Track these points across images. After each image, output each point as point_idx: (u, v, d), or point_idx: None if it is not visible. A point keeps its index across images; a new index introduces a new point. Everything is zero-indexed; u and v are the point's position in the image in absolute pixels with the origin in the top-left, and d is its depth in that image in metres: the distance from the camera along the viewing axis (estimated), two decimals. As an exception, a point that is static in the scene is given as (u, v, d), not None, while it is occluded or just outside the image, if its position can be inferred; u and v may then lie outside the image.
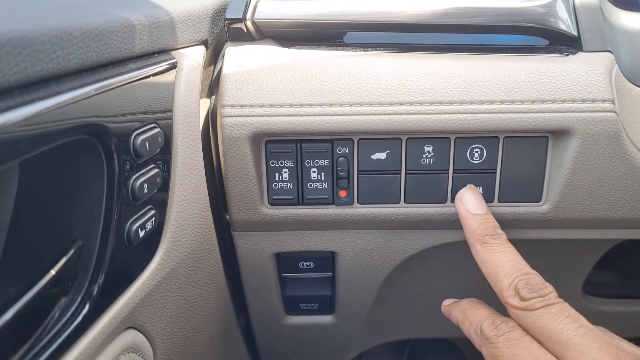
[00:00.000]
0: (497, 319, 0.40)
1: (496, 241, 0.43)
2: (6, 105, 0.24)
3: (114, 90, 0.32)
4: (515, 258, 0.41)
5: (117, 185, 0.33)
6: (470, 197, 0.46)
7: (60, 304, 0.30)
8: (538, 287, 0.38)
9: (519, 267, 0.40)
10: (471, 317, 0.42)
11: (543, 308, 0.37)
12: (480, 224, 0.44)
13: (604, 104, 0.45)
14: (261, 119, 0.45)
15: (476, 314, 0.42)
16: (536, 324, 0.36)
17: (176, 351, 0.46)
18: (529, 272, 0.40)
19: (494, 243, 0.43)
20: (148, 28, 0.37)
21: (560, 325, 0.35)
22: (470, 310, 0.43)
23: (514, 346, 0.36)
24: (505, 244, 0.43)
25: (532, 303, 0.37)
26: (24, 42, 0.25)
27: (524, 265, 0.41)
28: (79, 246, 0.31)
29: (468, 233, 0.45)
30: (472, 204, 0.46)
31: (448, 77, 0.45)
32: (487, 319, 0.40)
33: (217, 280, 0.51)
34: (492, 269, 0.41)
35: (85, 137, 0.30)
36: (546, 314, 0.36)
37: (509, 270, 0.40)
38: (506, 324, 0.38)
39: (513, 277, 0.39)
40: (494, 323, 0.39)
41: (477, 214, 0.45)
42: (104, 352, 0.34)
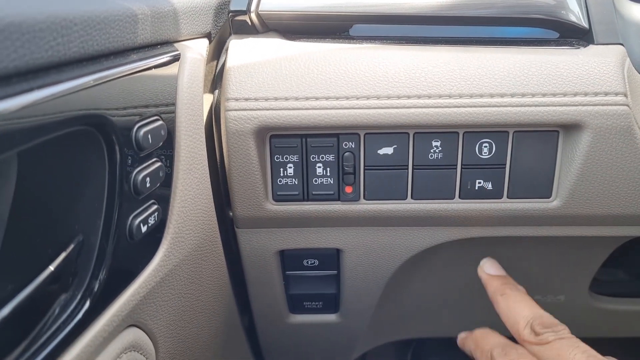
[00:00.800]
0: (508, 346, 0.42)
1: (515, 292, 0.47)
2: (4, 93, 0.23)
3: (115, 80, 0.31)
4: (534, 304, 0.45)
5: (119, 179, 0.32)
6: (490, 264, 0.52)
7: (61, 300, 0.29)
8: (552, 324, 0.41)
9: (535, 310, 0.44)
10: (483, 346, 0.45)
11: (555, 341, 0.40)
12: (500, 281, 0.49)
13: (616, 97, 0.44)
14: (266, 113, 0.44)
15: (488, 342, 0.44)
16: (548, 355, 0.39)
17: (179, 350, 0.45)
18: (544, 314, 0.43)
19: (514, 294, 0.46)
20: (151, 18, 0.36)
21: (570, 355, 0.38)
22: (482, 339, 0.46)
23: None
24: (524, 295, 0.47)
25: (546, 337, 0.40)
26: (22, 28, 0.24)
27: (540, 309, 0.44)
28: (80, 241, 0.31)
29: (490, 290, 0.49)
30: (492, 269, 0.51)
31: (457, 70, 0.44)
32: (498, 347, 0.43)
33: (220, 277, 0.51)
34: (512, 315, 0.44)
35: (86, 128, 0.29)
36: (558, 345, 0.39)
37: (527, 313, 0.43)
38: (516, 350, 0.41)
39: (530, 317, 0.43)
40: (504, 349, 0.42)
41: (498, 274, 0.50)
42: (105, 350, 0.33)
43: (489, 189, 0.47)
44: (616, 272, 0.69)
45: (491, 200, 0.47)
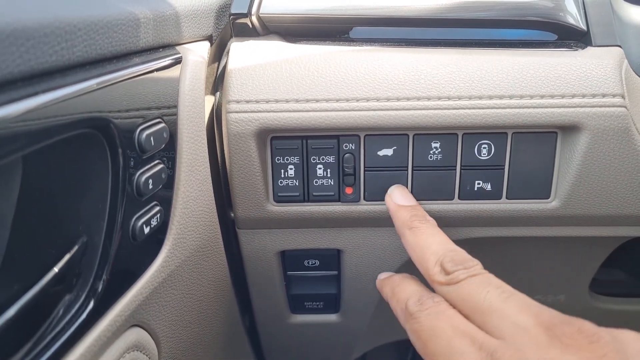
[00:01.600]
0: (424, 294, 0.38)
1: (424, 225, 0.42)
2: (9, 97, 0.23)
3: (118, 84, 0.31)
4: (444, 239, 0.41)
5: (122, 181, 0.32)
6: (399, 192, 0.47)
7: (65, 300, 0.30)
8: (463, 260, 0.37)
9: (445, 245, 0.39)
10: (399, 294, 0.40)
11: (467, 279, 0.35)
12: (410, 212, 0.44)
13: (614, 98, 0.44)
14: (267, 115, 0.44)
15: (405, 290, 0.40)
16: (460, 296, 0.35)
17: (181, 350, 0.45)
18: (454, 249, 0.39)
19: (423, 227, 0.42)
20: (153, 22, 0.36)
21: (482, 293, 0.34)
22: (399, 286, 0.41)
23: (435, 319, 0.34)
24: (434, 227, 0.42)
25: (456, 275, 0.36)
26: (27, 33, 0.24)
27: (452, 244, 0.40)
28: (84, 242, 0.31)
29: (397, 222, 0.44)
30: (401, 198, 0.46)
31: (456, 72, 0.45)
32: (415, 295, 0.38)
33: (222, 278, 0.51)
34: (420, 251, 0.40)
35: (89, 131, 0.30)
36: (469, 284, 0.35)
37: (436, 249, 0.39)
38: (432, 299, 0.36)
39: (439, 254, 0.38)
40: (421, 299, 0.37)
41: (407, 204, 0.45)
42: (108, 350, 0.33)
43: (488, 189, 0.47)
44: (616, 272, 0.69)
45: (490, 201, 0.48)
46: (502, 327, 0.31)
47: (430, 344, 0.33)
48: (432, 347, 0.33)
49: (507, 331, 0.31)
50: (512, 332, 0.30)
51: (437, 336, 0.33)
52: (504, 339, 0.30)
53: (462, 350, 0.30)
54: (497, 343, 0.30)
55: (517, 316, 0.31)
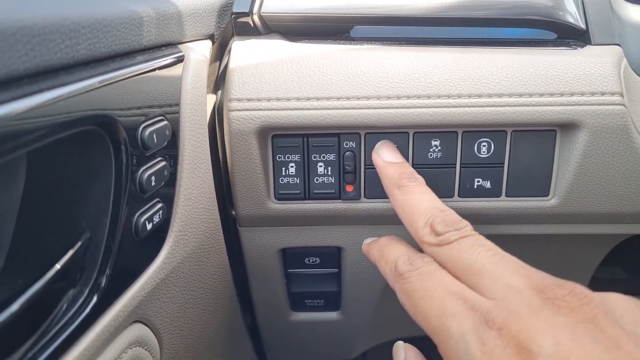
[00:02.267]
0: (413, 254, 0.37)
1: (414, 183, 0.41)
2: (15, 94, 0.24)
3: (122, 82, 0.32)
4: (433, 198, 0.40)
5: (125, 177, 0.33)
6: (387, 147, 0.46)
7: (69, 295, 0.30)
8: (454, 221, 0.36)
9: (435, 205, 0.39)
10: (387, 255, 0.39)
11: (458, 240, 0.35)
12: (398, 169, 0.43)
13: (612, 97, 0.44)
14: (268, 113, 0.45)
15: (393, 251, 0.39)
16: (451, 257, 0.34)
17: (182, 346, 0.46)
18: (445, 209, 0.38)
19: (412, 185, 0.41)
20: (156, 20, 0.37)
21: (473, 255, 0.33)
22: (387, 247, 0.40)
23: (426, 279, 0.34)
24: (423, 186, 0.41)
25: (447, 237, 0.35)
26: (33, 31, 0.25)
27: (441, 203, 0.39)
28: (87, 238, 0.31)
29: (385, 180, 0.43)
30: (388, 154, 0.45)
31: (456, 70, 0.45)
32: (404, 255, 0.37)
33: (223, 275, 0.51)
34: (409, 211, 0.39)
35: (93, 129, 0.30)
36: (460, 246, 0.34)
37: (425, 208, 0.38)
38: (422, 259, 0.36)
39: (429, 215, 0.37)
40: (410, 259, 0.36)
41: (394, 162, 0.44)
42: (110, 345, 0.34)
43: (488, 187, 0.48)
44: (615, 271, 0.70)
45: (490, 199, 0.48)
46: (494, 288, 0.31)
47: (421, 304, 0.32)
48: (424, 308, 0.32)
49: (499, 292, 0.30)
50: (505, 293, 0.30)
51: (429, 296, 0.32)
52: (497, 299, 0.30)
53: (455, 310, 0.30)
54: (490, 304, 0.29)
55: (509, 277, 0.31)
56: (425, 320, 0.32)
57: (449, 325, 0.30)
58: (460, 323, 0.29)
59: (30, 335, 0.27)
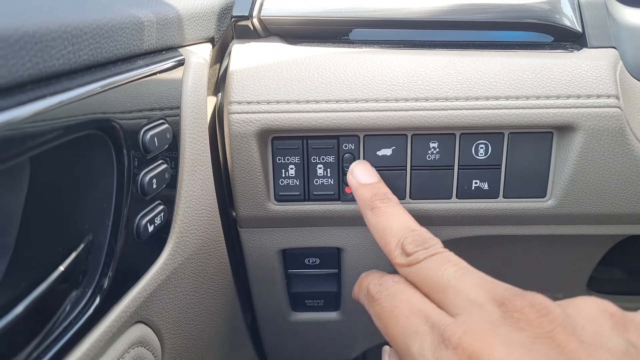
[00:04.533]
0: (385, 276, 0.37)
1: (386, 204, 0.41)
2: (19, 100, 0.24)
3: (123, 86, 0.32)
4: (405, 218, 0.40)
5: (127, 180, 0.33)
6: (361, 169, 0.46)
7: (72, 297, 0.31)
8: (423, 241, 0.37)
9: (406, 225, 0.39)
10: (362, 282, 0.40)
11: (426, 259, 0.35)
12: (370, 191, 0.43)
13: (608, 99, 0.45)
14: (268, 116, 0.45)
15: (367, 278, 0.39)
16: (419, 275, 0.35)
17: (184, 347, 0.46)
18: (416, 229, 0.38)
19: (384, 207, 0.41)
20: (156, 25, 0.37)
21: (440, 271, 0.34)
22: (363, 278, 0.40)
23: (394, 298, 0.34)
24: (395, 207, 0.41)
25: (416, 256, 0.35)
26: (36, 37, 0.25)
27: (413, 223, 0.39)
28: (90, 240, 0.32)
29: (360, 202, 0.44)
30: (362, 175, 0.45)
31: (453, 73, 0.46)
32: (376, 279, 0.38)
33: (223, 276, 0.52)
34: (382, 233, 0.39)
35: (95, 133, 0.31)
36: (428, 264, 0.35)
37: (397, 230, 0.39)
38: (392, 279, 0.36)
39: (400, 236, 0.38)
40: (380, 280, 0.37)
41: (368, 182, 0.44)
42: (113, 345, 0.34)
43: (485, 189, 0.48)
44: (613, 271, 0.70)
45: (487, 200, 0.49)
46: (457, 302, 0.31)
47: (389, 324, 0.33)
48: (391, 328, 0.33)
49: (461, 307, 0.31)
50: (466, 307, 0.30)
51: (396, 316, 0.33)
52: (459, 315, 0.30)
53: (418, 329, 0.31)
54: (449, 321, 0.30)
55: (471, 292, 0.31)
56: (393, 341, 0.33)
57: (410, 345, 0.30)
58: (421, 343, 0.30)
59: (35, 337, 0.28)
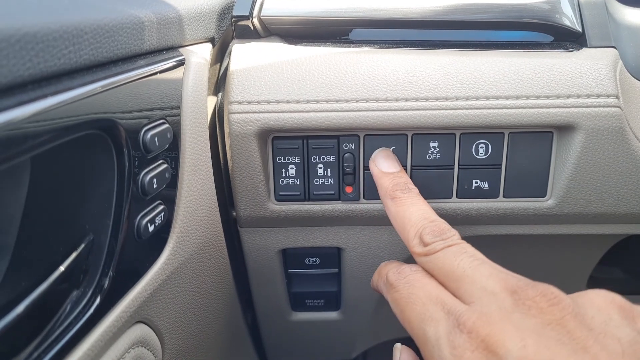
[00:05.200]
0: (404, 266, 0.39)
1: (406, 195, 0.42)
2: (19, 100, 0.24)
3: (123, 86, 0.32)
4: (424, 209, 0.41)
5: (127, 180, 0.33)
6: (383, 157, 0.47)
7: (72, 297, 0.31)
8: (442, 231, 0.38)
9: (425, 216, 0.40)
10: (381, 270, 0.41)
11: (443, 250, 0.36)
12: (392, 181, 0.44)
13: (608, 99, 0.45)
14: (268, 115, 0.45)
15: (386, 267, 0.40)
16: (436, 265, 0.36)
17: (184, 347, 0.46)
18: (435, 219, 0.39)
19: (404, 197, 0.42)
20: (157, 25, 0.37)
21: (456, 262, 0.35)
22: (383, 267, 0.41)
23: (412, 287, 0.35)
24: (415, 197, 0.42)
25: (433, 246, 0.37)
26: (37, 37, 0.25)
27: (432, 214, 0.40)
28: (90, 240, 0.32)
29: (381, 191, 0.45)
30: (384, 164, 0.46)
31: (453, 73, 0.46)
32: (394, 268, 0.39)
33: (224, 276, 0.52)
34: (401, 222, 0.41)
35: (96, 132, 0.31)
36: (445, 254, 0.36)
37: (416, 220, 0.40)
38: (410, 268, 0.38)
39: (419, 226, 0.39)
40: (399, 269, 0.38)
41: (390, 172, 0.45)
42: (113, 345, 0.34)
43: (486, 188, 0.48)
44: (613, 271, 0.70)
45: (488, 200, 0.49)
46: (472, 292, 0.32)
47: (406, 310, 0.34)
48: (408, 314, 0.34)
49: (476, 295, 0.32)
50: (480, 296, 0.31)
51: (413, 303, 0.34)
52: (473, 303, 0.31)
53: (433, 315, 0.32)
54: (464, 307, 0.31)
55: (485, 281, 0.32)
56: (409, 326, 0.34)
57: (426, 330, 0.31)
58: (436, 328, 0.31)
59: (35, 336, 0.28)
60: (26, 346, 0.27)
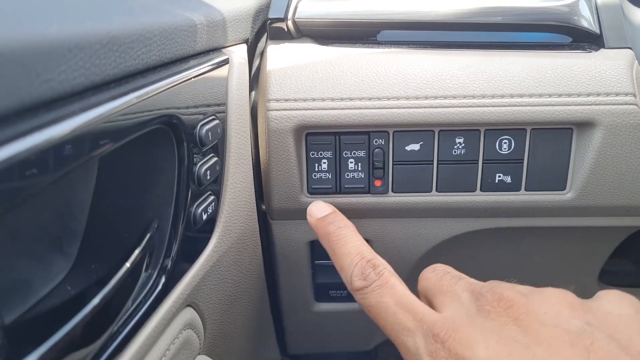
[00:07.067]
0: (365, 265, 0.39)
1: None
2: (105, 97, 0.27)
3: (183, 84, 0.35)
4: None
5: (186, 172, 0.36)
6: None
7: (142, 277, 0.33)
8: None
9: (353, 256, 0.41)
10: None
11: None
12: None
13: (626, 97, 0.47)
14: (304, 112, 0.48)
15: (345, 258, 0.41)
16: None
17: (221, 332, 0.49)
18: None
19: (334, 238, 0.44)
20: (207, 27, 0.40)
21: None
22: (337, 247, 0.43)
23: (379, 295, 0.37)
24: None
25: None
26: (120, 40, 0.28)
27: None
28: (155, 226, 0.34)
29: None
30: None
31: (479, 72, 0.48)
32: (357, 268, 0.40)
33: (256, 266, 0.54)
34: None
35: (161, 127, 0.33)
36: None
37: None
38: (374, 271, 0.39)
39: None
40: (363, 273, 0.39)
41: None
42: (170, 326, 0.37)
43: (508, 182, 0.50)
44: (624, 263, 0.72)
45: (510, 193, 0.51)
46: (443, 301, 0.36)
47: (379, 318, 0.37)
48: (381, 321, 0.36)
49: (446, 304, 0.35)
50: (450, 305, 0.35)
51: (384, 312, 0.36)
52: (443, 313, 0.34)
53: (406, 325, 0.34)
54: (436, 317, 0.34)
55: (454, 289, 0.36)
56: (386, 333, 0.36)
57: (404, 340, 0.34)
58: (414, 338, 0.33)
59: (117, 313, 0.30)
60: (107, 324, 0.30)
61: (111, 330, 0.30)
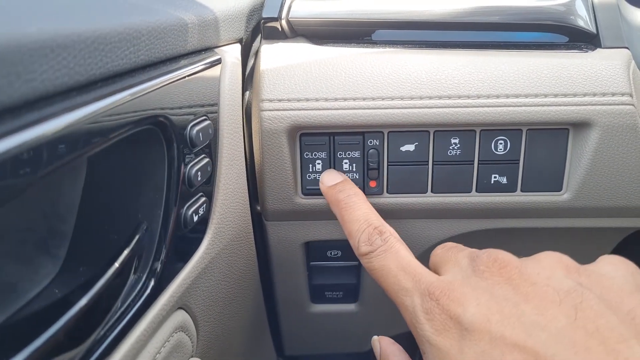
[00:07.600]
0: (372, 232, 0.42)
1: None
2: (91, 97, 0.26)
3: (172, 84, 0.34)
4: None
5: (176, 173, 0.35)
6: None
7: (130, 280, 0.33)
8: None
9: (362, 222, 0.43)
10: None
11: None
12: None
13: (622, 97, 0.47)
14: (298, 113, 0.47)
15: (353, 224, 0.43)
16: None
17: (214, 334, 0.48)
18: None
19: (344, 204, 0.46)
20: (198, 26, 0.39)
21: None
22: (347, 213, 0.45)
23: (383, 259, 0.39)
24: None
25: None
26: (106, 39, 0.27)
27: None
28: (144, 228, 0.34)
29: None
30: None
31: (474, 72, 0.48)
32: (364, 234, 0.42)
33: (251, 267, 0.54)
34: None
35: (150, 128, 0.33)
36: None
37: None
38: (380, 237, 0.41)
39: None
40: (370, 238, 0.41)
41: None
42: (160, 329, 0.36)
43: (504, 183, 0.50)
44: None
45: (506, 194, 0.51)
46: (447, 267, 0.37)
47: (381, 281, 0.39)
48: (383, 283, 0.38)
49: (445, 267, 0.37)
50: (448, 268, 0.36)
51: (387, 274, 0.38)
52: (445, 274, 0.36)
53: (406, 285, 0.36)
54: (433, 278, 0.35)
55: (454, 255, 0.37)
56: (388, 293, 0.38)
57: (403, 300, 0.36)
58: (411, 298, 0.35)
59: (103, 317, 0.30)
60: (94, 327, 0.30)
61: (99, 332, 0.30)
